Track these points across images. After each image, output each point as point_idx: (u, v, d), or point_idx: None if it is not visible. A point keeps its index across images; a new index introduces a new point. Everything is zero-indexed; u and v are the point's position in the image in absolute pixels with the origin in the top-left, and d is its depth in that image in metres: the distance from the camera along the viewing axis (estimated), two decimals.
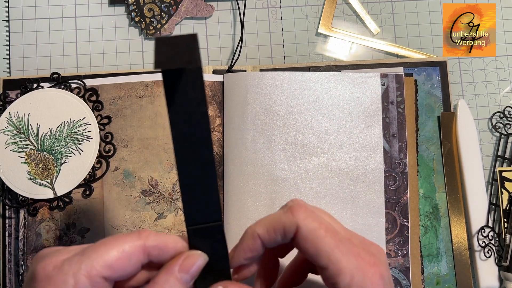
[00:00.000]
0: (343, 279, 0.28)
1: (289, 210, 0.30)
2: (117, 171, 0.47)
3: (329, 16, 0.53)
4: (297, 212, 0.30)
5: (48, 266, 0.26)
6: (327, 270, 0.29)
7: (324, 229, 0.29)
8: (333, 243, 0.29)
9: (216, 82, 0.48)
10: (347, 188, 0.46)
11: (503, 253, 0.48)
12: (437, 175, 0.50)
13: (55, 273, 0.26)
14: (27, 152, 0.46)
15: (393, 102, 0.48)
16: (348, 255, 0.29)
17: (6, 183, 0.46)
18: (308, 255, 0.29)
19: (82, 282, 0.25)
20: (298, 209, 0.30)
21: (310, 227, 0.29)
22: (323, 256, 0.29)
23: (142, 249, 0.28)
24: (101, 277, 0.26)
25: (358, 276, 0.28)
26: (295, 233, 0.29)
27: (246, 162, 0.46)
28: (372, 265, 0.29)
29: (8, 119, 0.47)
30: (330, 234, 0.29)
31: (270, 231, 0.30)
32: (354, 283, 0.28)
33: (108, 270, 0.26)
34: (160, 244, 0.28)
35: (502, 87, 0.53)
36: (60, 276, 0.25)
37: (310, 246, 0.29)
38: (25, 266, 0.46)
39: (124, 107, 0.47)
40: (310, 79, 0.47)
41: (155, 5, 0.52)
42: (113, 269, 0.26)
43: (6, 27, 0.52)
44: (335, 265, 0.28)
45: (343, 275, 0.28)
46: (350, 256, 0.29)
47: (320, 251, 0.29)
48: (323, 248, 0.29)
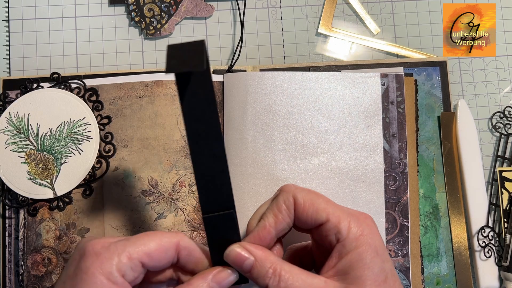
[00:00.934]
0: (343, 225, 0.33)
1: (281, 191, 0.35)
2: (117, 171, 0.47)
3: (329, 16, 0.53)
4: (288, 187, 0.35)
5: (97, 245, 0.30)
6: (328, 223, 0.33)
7: (315, 193, 0.35)
8: (327, 201, 0.34)
9: (216, 82, 0.48)
10: (347, 188, 0.46)
11: (503, 253, 0.48)
12: (437, 175, 0.50)
13: (103, 251, 0.30)
14: (27, 152, 0.46)
15: (393, 102, 0.48)
16: (341, 209, 0.34)
17: (6, 183, 0.46)
18: (308, 218, 0.34)
19: (124, 262, 0.30)
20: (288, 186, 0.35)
21: (304, 193, 0.34)
22: (321, 211, 0.33)
23: (176, 246, 0.32)
24: (139, 261, 0.30)
25: (354, 221, 0.33)
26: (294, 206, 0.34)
27: (246, 162, 0.46)
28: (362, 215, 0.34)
29: (8, 119, 0.47)
30: (322, 196, 0.34)
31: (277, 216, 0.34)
32: (352, 226, 0.32)
33: (146, 257, 0.31)
34: (190, 247, 0.33)
35: (502, 87, 0.53)
36: (107, 254, 0.30)
37: (309, 207, 0.34)
38: (25, 266, 0.46)
39: (124, 107, 0.47)
40: (310, 79, 0.47)
41: (155, 5, 0.52)
42: (151, 258, 0.31)
43: (6, 27, 0.52)
44: (334, 215, 0.33)
45: (343, 221, 0.33)
46: (344, 208, 0.34)
47: (318, 209, 0.33)
48: (320, 206, 0.34)
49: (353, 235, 0.32)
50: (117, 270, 0.30)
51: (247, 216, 0.45)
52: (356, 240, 0.32)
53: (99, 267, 0.29)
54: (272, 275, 0.32)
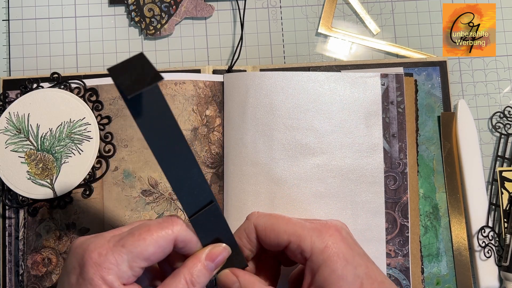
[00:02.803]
0: (305, 243, 0.33)
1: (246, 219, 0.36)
2: (117, 171, 0.47)
3: (329, 16, 0.53)
4: (251, 215, 0.36)
5: (94, 254, 0.31)
6: (291, 244, 0.33)
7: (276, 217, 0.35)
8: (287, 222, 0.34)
9: (216, 82, 0.48)
10: (347, 188, 0.46)
11: (503, 253, 0.48)
12: (437, 175, 0.50)
13: (102, 261, 0.30)
14: (27, 152, 0.46)
15: (393, 102, 0.48)
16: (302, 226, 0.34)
17: (6, 183, 0.46)
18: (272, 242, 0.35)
19: (124, 271, 0.31)
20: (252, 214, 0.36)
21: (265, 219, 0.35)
22: (282, 234, 0.34)
23: (174, 241, 0.32)
24: (140, 267, 0.31)
25: (315, 235, 0.33)
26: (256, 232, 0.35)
27: (246, 162, 0.46)
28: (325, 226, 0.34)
29: (8, 119, 0.47)
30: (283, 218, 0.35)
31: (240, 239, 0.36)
32: (314, 241, 0.33)
33: (145, 262, 0.31)
34: (186, 239, 0.33)
35: (502, 87, 0.53)
36: (106, 264, 0.30)
37: (270, 233, 0.34)
38: (25, 266, 0.46)
39: (124, 107, 0.47)
40: (310, 79, 0.47)
41: (155, 5, 0.52)
42: (150, 261, 0.32)
43: (6, 27, 0.52)
44: (294, 236, 0.33)
45: (304, 240, 0.33)
46: (304, 226, 0.34)
47: (279, 232, 0.34)
48: (280, 229, 0.34)
49: (317, 249, 0.32)
50: (118, 279, 0.31)
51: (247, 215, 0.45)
52: (322, 254, 0.32)
53: (101, 278, 0.30)
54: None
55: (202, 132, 0.47)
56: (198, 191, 0.33)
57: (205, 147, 0.47)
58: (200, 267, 0.33)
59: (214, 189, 0.47)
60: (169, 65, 0.52)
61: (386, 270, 0.46)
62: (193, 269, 0.33)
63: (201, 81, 0.48)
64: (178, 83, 0.47)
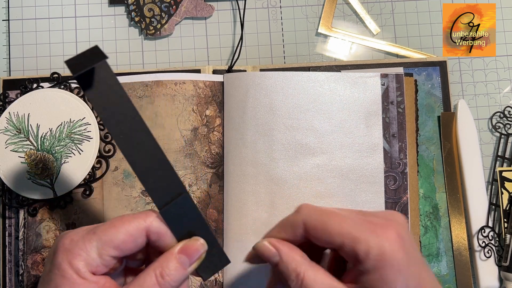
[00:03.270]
0: (360, 247, 0.29)
1: (295, 211, 0.33)
2: (117, 171, 0.47)
3: (329, 16, 0.53)
4: (302, 209, 0.33)
5: (67, 240, 0.31)
6: (344, 246, 0.30)
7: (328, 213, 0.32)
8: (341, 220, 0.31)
9: (216, 82, 0.48)
10: (347, 188, 0.46)
11: (503, 253, 0.48)
12: (437, 175, 0.50)
13: (72, 246, 0.30)
14: (27, 152, 0.46)
15: (393, 102, 0.48)
16: (357, 225, 0.31)
17: (6, 183, 0.46)
18: (321, 242, 0.32)
19: (93, 258, 0.30)
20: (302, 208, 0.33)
21: (316, 215, 0.32)
22: (335, 236, 0.31)
23: (146, 232, 0.31)
24: (109, 256, 0.30)
25: (372, 239, 0.29)
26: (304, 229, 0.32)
27: (246, 162, 0.46)
28: (384, 226, 0.30)
29: (8, 119, 0.47)
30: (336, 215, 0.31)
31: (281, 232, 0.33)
32: (371, 246, 0.29)
33: (115, 250, 0.31)
34: (160, 232, 0.32)
35: (502, 87, 0.53)
36: (76, 250, 0.30)
37: (321, 233, 0.31)
38: (25, 266, 0.46)
39: None
40: (310, 79, 0.47)
41: (155, 5, 0.52)
42: (120, 250, 0.31)
43: (6, 27, 0.52)
44: (349, 238, 0.30)
45: (359, 243, 0.30)
46: (361, 225, 0.31)
47: (331, 233, 0.31)
48: (334, 229, 0.31)
49: (372, 256, 0.29)
50: (86, 266, 0.30)
51: (247, 215, 0.46)
52: (376, 260, 0.29)
53: (69, 263, 0.30)
54: (295, 279, 0.31)
55: (202, 132, 0.47)
56: (166, 182, 0.32)
57: (205, 147, 0.47)
58: (172, 261, 0.31)
59: (214, 189, 0.47)
60: (169, 65, 0.52)
61: None
62: (164, 263, 0.31)
63: (201, 81, 0.48)
64: (178, 83, 0.47)
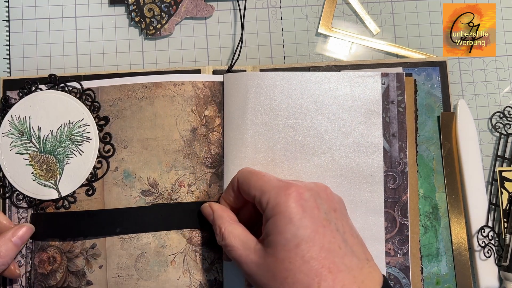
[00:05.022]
0: (264, 198, 0.37)
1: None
2: (117, 171, 0.47)
3: (329, 16, 0.53)
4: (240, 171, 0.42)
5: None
6: (255, 198, 0.38)
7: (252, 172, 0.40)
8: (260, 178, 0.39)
9: (216, 82, 0.48)
10: (347, 187, 0.46)
11: (503, 253, 0.48)
12: (437, 175, 0.50)
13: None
14: (30, 154, 0.47)
15: (394, 101, 0.48)
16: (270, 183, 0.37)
17: (13, 185, 0.47)
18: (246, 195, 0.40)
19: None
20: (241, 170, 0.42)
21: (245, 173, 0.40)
22: (251, 188, 0.38)
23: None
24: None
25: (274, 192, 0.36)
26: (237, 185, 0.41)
27: (246, 162, 0.46)
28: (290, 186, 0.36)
29: (10, 122, 0.47)
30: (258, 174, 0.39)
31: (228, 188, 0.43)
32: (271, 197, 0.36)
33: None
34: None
35: (502, 87, 0.53)
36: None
37: (244, 187, 0.40)
38: (32, 264, 0.46)
39: (124, 108, 0.47)
40: (310, 79, 0.47)
41: (155, 5, 0.52)
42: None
43: (6, 27, 0.52)
44: (259, 191, 0.37)
45: (264, 195, 0.37)
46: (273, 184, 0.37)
47: (250, 186, 0.39)
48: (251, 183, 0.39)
49: (270, 205, 0.36)
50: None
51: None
52: (272, 210, 0.36)
53: None
54: (219, 232, 0.39)
55: (201, 132, 0.47)
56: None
57: (204, 147, 0.47)
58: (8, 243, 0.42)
59: (214, 189, 0.47)
60: (169, 65, 0.52)
61: (386, 268, 0.46)
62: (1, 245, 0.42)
63: (200, 82, 0.48)
64: (177, 84, 0.47)
